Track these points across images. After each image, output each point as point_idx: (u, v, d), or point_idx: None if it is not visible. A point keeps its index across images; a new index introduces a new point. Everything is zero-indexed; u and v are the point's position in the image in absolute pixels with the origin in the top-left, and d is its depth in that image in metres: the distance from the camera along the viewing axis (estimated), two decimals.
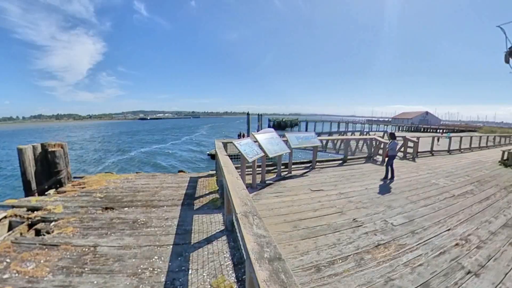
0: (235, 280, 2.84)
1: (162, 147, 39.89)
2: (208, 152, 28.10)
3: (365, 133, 43.55)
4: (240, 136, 27.87)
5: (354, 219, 4.70)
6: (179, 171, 8.63)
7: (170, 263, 3.12)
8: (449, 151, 15.31)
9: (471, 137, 18.70)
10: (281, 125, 72.17)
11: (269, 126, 60.22)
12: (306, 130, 55.76)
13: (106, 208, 4.73)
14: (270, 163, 8.49)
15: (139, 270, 2.95)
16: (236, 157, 7.13)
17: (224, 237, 3.83)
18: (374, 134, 20.21)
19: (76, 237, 3.68)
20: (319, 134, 20.11)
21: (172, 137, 56.53)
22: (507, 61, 11.39)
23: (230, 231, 3.99)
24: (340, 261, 3.33)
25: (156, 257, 3.23)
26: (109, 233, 3.82)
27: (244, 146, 6.18)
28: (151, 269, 2.99)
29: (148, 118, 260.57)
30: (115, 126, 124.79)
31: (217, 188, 6.32)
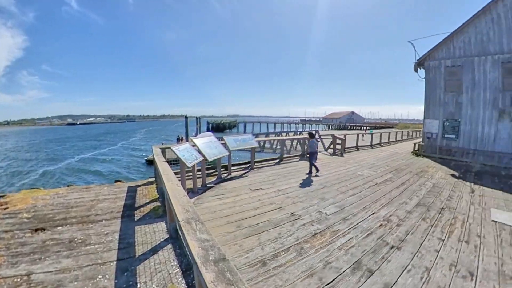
0: (186, 286, 2.91)
1: (97, 154, 36.44)
2: (146, 158, 26.41)
3: (299, 132, 46.80)
4: (179, 139, 26.99)
5: (292, 213, 5.11)
6: (116, 181, 8.05)
7: (116, 280, 3.01)
8: (371, 146, 17.53)
9: (389, 132, 21.84)
10: (220, 127, 72.25)
11: (207, 129, 59.86)
12: (245, 131, 57.58)
13: (36, 230, 4.23)
14: (210, 166, 8.57)
15: None
16: (176, 162, 7.02)
17: (170, 245, 3.81)
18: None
19: (4, 267, 3.22)
20: (256, 135, 20.99)
21: (108, 143, 51.82)
22: (416, 70, 13.95)
23: (175, 239, 3.99)
24: (283, 253, 3.64)
25: (100, 276, 3.08)
26: (43, 257, 3.45)
27: (182, 151, 6.12)
28: None
29: (78, 123, 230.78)
30: (40, 132, 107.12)
31: (158, 195, 6.14)
